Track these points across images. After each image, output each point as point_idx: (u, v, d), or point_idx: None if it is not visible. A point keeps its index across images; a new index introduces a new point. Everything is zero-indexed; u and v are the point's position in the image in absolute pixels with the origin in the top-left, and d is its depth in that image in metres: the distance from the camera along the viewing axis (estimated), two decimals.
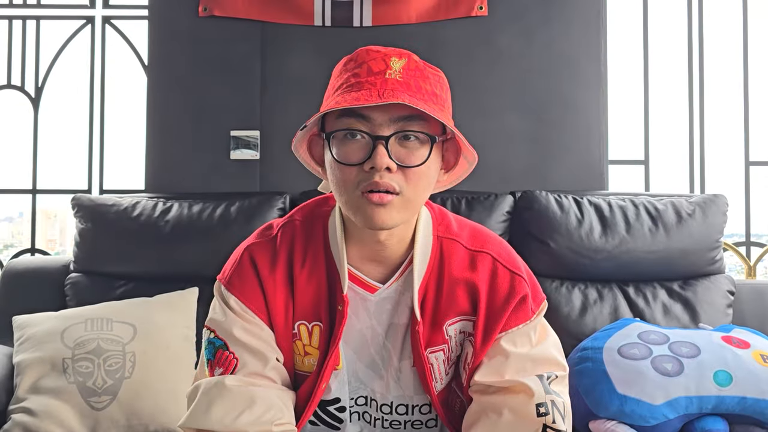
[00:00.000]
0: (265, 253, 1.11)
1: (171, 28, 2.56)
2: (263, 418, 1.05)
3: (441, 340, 1.11)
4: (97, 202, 2.21)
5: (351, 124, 0.99)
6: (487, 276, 1.10)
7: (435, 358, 1.12)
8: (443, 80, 1.07)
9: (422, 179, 1.01)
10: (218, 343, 1.09)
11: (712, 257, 2.15)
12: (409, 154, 0.99)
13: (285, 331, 1.11)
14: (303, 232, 1.13)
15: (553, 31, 2.54)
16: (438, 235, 1.12)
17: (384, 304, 1.12)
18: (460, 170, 1.11)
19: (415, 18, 2.52)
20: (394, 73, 1.00)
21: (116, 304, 1.99)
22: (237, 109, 2.53)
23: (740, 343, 1.79)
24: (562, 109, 2.53)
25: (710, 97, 2.76)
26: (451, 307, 1.10)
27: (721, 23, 2.79)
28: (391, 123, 0.98)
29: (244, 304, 1.10)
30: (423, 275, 1.09)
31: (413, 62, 1.03)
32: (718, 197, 2.20)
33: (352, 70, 1.02)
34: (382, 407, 1.18)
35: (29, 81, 2.79)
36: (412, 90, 0.99)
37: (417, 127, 0.99)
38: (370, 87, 0.98)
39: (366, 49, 1.04)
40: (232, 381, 1.06)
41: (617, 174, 2.71)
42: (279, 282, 1.10)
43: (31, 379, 1.81)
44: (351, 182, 0.99)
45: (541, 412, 1.05)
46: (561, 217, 2.12)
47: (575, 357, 1.86)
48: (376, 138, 0.98)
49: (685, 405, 1.69)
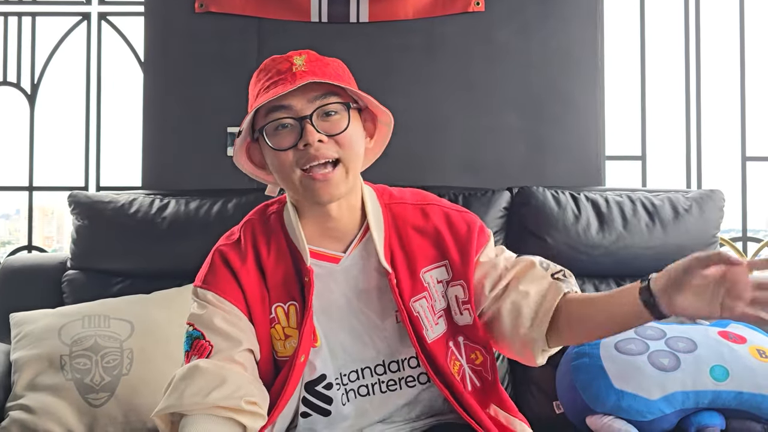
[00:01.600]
0: (233, 250, 1.22)
1: (167, 24, 2.55)
2: (234, 394, 1.10)
3: (420, 287, 1.22)
4: (93, 199, 2.20)
5: (277, 116, 1.13)
6: (443, 221, 1.26)
7: (420, 306, 1.22)
8: (342, 65, 1.22)
9: (353, 144, 1.16)
10: (195, 334, 1.17)
11: None
12: (333, 125, 1.14)
13: (263, 317, 1.20)
14: (261, 227, 1.25)
15: (550, 27, 2.54)
16: (385, 203, 1.26)
17: (350, 270, 1.23)
18: (381, 134, 1.25)
19: (411, 14, 2.51)
20: (299, 67, 1.14)
21: (113, 301, 1.98)
22: (234, 106, 2.52)
23: (737, 338, 1.79)
24: (559, 105, 2.53)
25: (707, 92, 2.77)
26: (420, 255, 1.23)
27: (718, 18, 2.79)
28: (310, 103, 1.13)
29: (221, 297, 1.18)
30: (383, 239, 1.21)
31: (313, 55, 1.18)
32: (714, 193, 2.20)
33: (265, 76, 1.17)
34: (376, 368, 1.24)
35: (25, 78, 2.78)
36: (317, 75, 1.13)
37: (332, 100, 1.15)
38: (283, 82, 1.13)
39: (271, 58, 1.20)
40: (205, 363, 1.13)
41: (614, 170, 2.71)
42: (251, 271, 1.20)
43: (28, 376, 1.81)
44: (290, 163, 1.13)
45: (544, 266, 1.24)
46: (558, 213, 2.12)
47: (572, 353, 1.87)
48: (301, 119, 1.12)
49: (681, 400, 1.69)
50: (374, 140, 1.25)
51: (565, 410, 1.85)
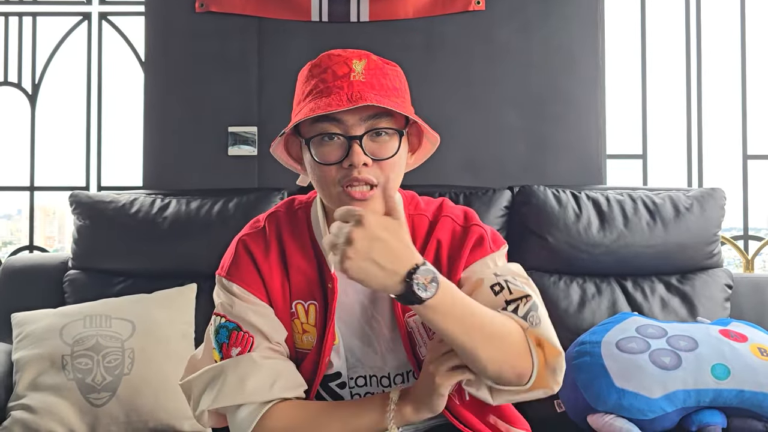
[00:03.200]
0: (257, 241, 1.21)
1: (168, 24, 2.55)
2: (292, 383, 1.15)
3: None
4: (95, 198, 2.20)
5: (326, 129, 1.09)
6: (448, 234, 1.22)
7: (414, 322, 1.20)
8: (400, 73, 1.18)
9: (395, 168, 1.12)
10: (231, 326, 1.17)
11: (709, 251, 2.15)
12: (381, 148, 1.10)
13: (284, 310, 1.20)
14: (288, 221, 1.23)
15: (550, 26, 2.54)
16: (409, 214, 1.23)
17: None
18: (424, 151, 1.23)
19: (412, 13, 2.51)
20: (358, 75, 1.09)
21: (115, 300, 1.99)
22: (234, 105, 2.53)
23: (738, 337, 1.79)
24: (560, 104, 2.53)
25: (708, 91, 2.77)
26: None
27: (718, 17, 2.79)
28: (362, 122, 1.09)
29: (245, 290, 1.18)
30: None
31: (372, 62, 1.12)
32: (715, 191, 2.20)
33: (318, 75, 1.11)
34: (381, 380, 1.24)
35: (26, 78, 2.78)
36: (375, 89, 1.09)
37: (385, 123, 1.10)
38: (338, 91, 1.08)
39: (327, 54, 1.13)
40: (257, 356, 1.15)
41: (615, 168, 2.71)
42: (274, 265, 1.19)
43: (30, 376, 1.81)
44: (332, 179, 1.10)
45: (496, 291, 1.12)
46: (559, 212, 2.12)
47: (573, 351, 1.87)
48: (350, 138, 1.08)
49: (683, 398, 1.69)
50: (415, 156, 1.22)
51: (566, 409, 1.85)
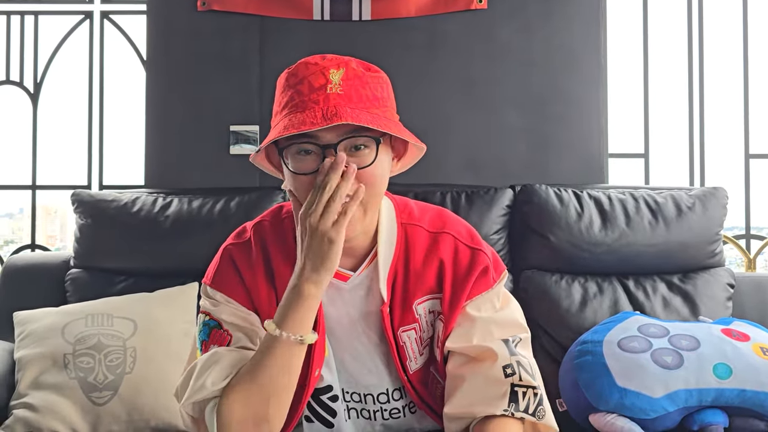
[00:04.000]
0: (242, 251, 1.18)
1: (169, 22, 2.55)
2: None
3: (411, 319, 1.17)
4: (96, 197, 2.20)
5: (301, 145, 1.05)
6: (451, 253, 1.17)
7: (407, 337, 1.18)
8: (383, 79, 1.11)
9: (375, 177, 1.07)
10: (213, 324, 1.15)
11: (711, 250, 2.15)
12: (359, 159, 1.05)
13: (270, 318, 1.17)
14: (273, 231, 1.19)
15: (552, 25, 2.53)
16: (402, 222, 1.19)
17: (357, 291, 1.17)
18: (410, 156, 1.17)
19: (414, 12, 2.51)
20: (335, 87, 1.04)
21: (116, 299, 1.99)
22: (236, 104, 2.53)
23: (740, 336, 1.79)
24: (562, 103, 2.52)
25: (710, 89, 2.76)
26: (418, 287, 1.17)
27: (721, 15, 2.79)
28: (338, 135, 1.04)
29: (230, 298, 1.16)
30: (391, 261, 1.16)
31: (351, 70, 1.07)
32: (717, 190, 2.20)
33: (295, 86, 1.06)
34: (379, 397, 1.22)
35: (28, 77, 2.78)
36: (353, 101, 1.04)
37: (363, 134, 1.04)
38: (313, 106, 1.03)
39: (305, 62, 1.08)
40: (224, 350, 1.12)
41: (617, 167, 2.71)
42: (259, 275, 1.16)
43: (32, 374, 1.81)
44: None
45: (508, 373, 1.11)
46: (561, 211, 2.12)
47: (575, 350, 1.86)
48: (325, 148, 1.04)
49: (684, 398, 1.69)
50: (401, 162, 1.17)
51: (568, 408, 1.85)
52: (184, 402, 1.11)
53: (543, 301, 2.06)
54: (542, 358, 2.02)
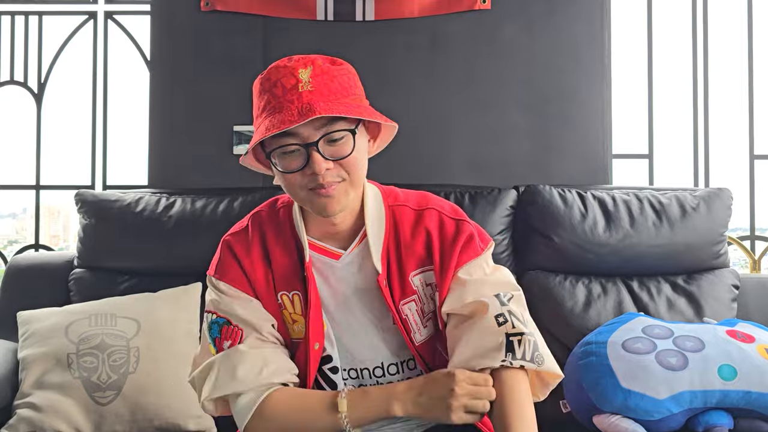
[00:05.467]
0: (240, 240, 1.28)
1: (173, 23, 2.55)
2: (281, 369, 1.21)
3: (410, 291, 1.25)
4: (100, 197, 2.21)
5: (284, 142, 1.14)
6: (436, 225, 1.27)
7: (408, 309, 1.25)
8: (349, 70, 1.21)
9: (357, 162, 1.18)
10: (222, 321, 1.24)
11: (716, 251, 2.14)
12: (338, 150, 1.15)
13: (271, 302, 1.26)
14: (269, 219, 1.30)
15: (556, 25, 2.53)
16: (389, 205, 1.29)
17: (349, 269, 1.26)
18: (385, 135, 1.27)
19: (417, 12, 2.51)
20: (305, 84, 1.13)
21: (120, 299, 1.99)
22: (239, 104, 2.52)
23: (745, 338, 1.78)
24: (566, 103, 2.52)
25: (714, 90, 2.76)
26: (410, 259, 1.26)
27: (725, 15, 2.78)
28: (316, 130, 1.13)
29: (232, 286, 1.25)
30: (382, 239, 1.25)
31: (318, 67, 1.16)
32: (722, 191, 2.19)
33: (270, 90, 1.15)
34: (374, 371, 1.28)
35: (32, 77, 2.79)
36: (324, 95, 1.13)
37: (338, 126, 1.15)
38: (289, 105, 1.12)
39: (275, 66, 1.17)
40: (245, 347, 1.21)
41: (621, 168, 2.70)
42: (256, 260, 1.26)
43: (35, 374, 1.81)
44: (297, 184, 1.17)
45: (501, 322, 1.18)
46: (565, 212, 2.11)
47: (579, 351, 1.86)
48: (307, 146, 1.14)
49: (689, 399, 1.68)
50: (377, 142, 1.27)
51: (572, 409, 1.85)
52: (208, 397, 1.21)
53: (547, 302, 2.06)
54: None
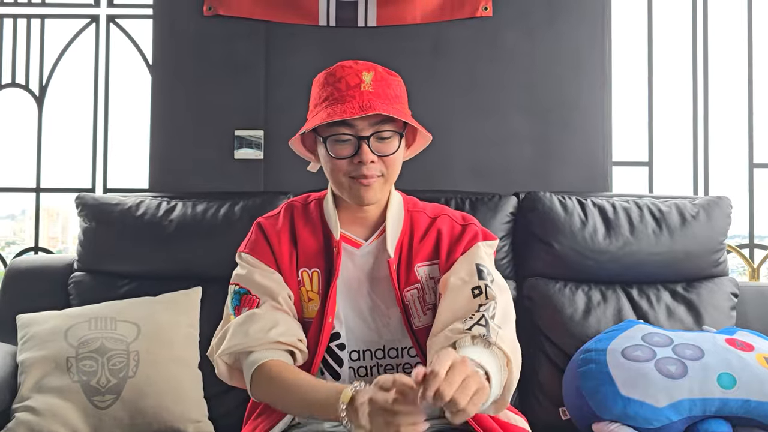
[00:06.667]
0: (271, 222, 1.44)
1: (175, 27, 2.56)
2: (288, 332, 1.32)
3: (414, 279, 1.39)
4: (101, 201, 2.20)
5: (340, 130, 1.31)
6: (448, 227, 1.44)
7: (411, 296, 1.38)
8: (401, 82, 1.39)
9: (396, 162, 1.36)
10: (242, 291, 1.38)
11: (715, 259, 2.15)
12: (384, 147, 1.34)
13: (291, 277, 1.39)
14: (301, 209, 1.46)
15: (557, 32, 2.54)
16: (409, 209, 1.46)
17: (368, 258, 1.41)
18: (417, 145, 1.46)
19: (419, 18, 2.52)
20: (367, 86, 1.31)
21: (120, 303, 1.99)
22: (241, 109, 2.53)
23: (744, 346, 1.79)
24: (567, 110, 2.53)
25: (714, 98, 2.77)
26: (419, 252, 1.41)
27: (726, 25, 2.79)
28: (369, 126, 1.31)
29: (257, 259, 1.40)
30: (398, 236, 1.41)
31: (379, 74, 1.34)
32: (721, 199, 2.19)
33: (333, 84, 1.32)
34: (376, 353, 1.39)
35: (33, 80, 2.79)
36: (381, 98, 1.31)
37: (388, 126, 1.33)
38: (351, 100, 1.29)
39: (341, 65, 1.34)
40: (260, 311, 1.34)
41: (621, 175, 2.71)
42: (283, 238, 1.41)
43: (34, 377, 1.81)
44: (343, 170, 1.33)
45: (476, 294, 1.31)
46: (565, 219, 2.12)
47: (579, 359, 1.86)
48: (360, 138, 1.31)
49: (688, 407, 1.69)
50: (411, 150, 1.45)
51: (571, 416, 1.85)
52: (222, 352, 1.32)
53: (547, 309, 2.06)
54: (545, 365, 2.03)
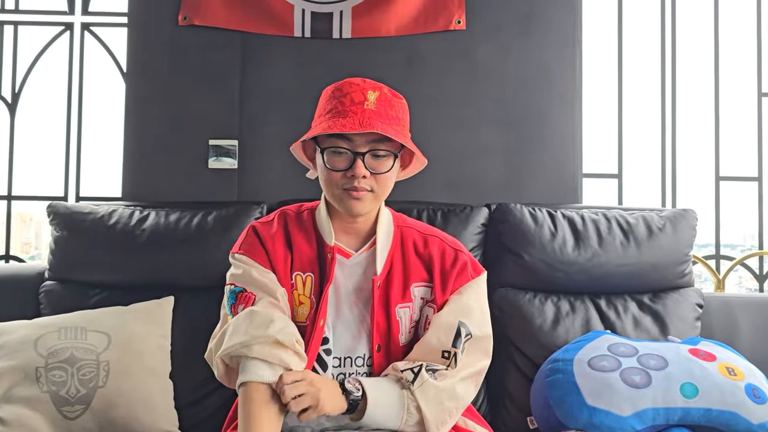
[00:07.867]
0: (265, 226, 1.49)
1: (150, 36, 2.56)
2: (286, 330, 1.34)
3: (408, 298, 1.47)
4: (73, 209, 2.19)
5: (338, 143, 1.38)
6: (438, 251, 1.50)
7: (402, 314, 1.46)
8: (404, 105, 1.45)
9: (387, 180, 1.42)
10: (238, 290, 1.41)
11: (681, 271, 2.19)
12: (378, 165, 1.39)
13: (285, 280, 1.43)
14: (294, 217, 1.51)
15: (529, 46, 2.58)
16: (398, 225, 1.52)
17: (356, 268, 1.47)
18: (413, 168, 1.51)
19: (394, 31, 2.55)
20: (371, 104, 1.36)
21: (91, 312, 1.98)
22: (216, 118, 2.54)
23: (706, 356, 1.83)
24: (538, 123, 2.56)
25: (682, 112, 2.82)
26: (415, 272, 1.48)
27: (693, 40, 2.85)
28: (367, 143, 1.37)
29: (251, 259, 1.44)
30: (388, 250, 1.47)
31: (384, 94, 1.40)
32: (687, 212, 2.24)
33: (339, 98, 1.38)
34: (356, 360, 1.44)
35: (6, 87, 2.77)
36: (382, 118, 1.36)
37: (384, 146, 1.39)
38: (353, 115, 1.35)
39: (349, 82, 1.41)
40: (257, 307, 1.37)
41: (591, 187, 2.75)
42: (278, 242, 1.45)
43: (3, 387, 1.79)
44: (336, 182, 1.39)
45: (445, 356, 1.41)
46: (535, 230, 2.15)
47: (547, 369, 1.89)
48: (356, 154, 1.37)
49: (652, 416, 1.72)
50: (406, 171, 1.50)
51: (538, 425, 1.87)
52: (222, 352, 1.34)
53: (516, 319, 2.09)
54: (514, 375, 2.05)
